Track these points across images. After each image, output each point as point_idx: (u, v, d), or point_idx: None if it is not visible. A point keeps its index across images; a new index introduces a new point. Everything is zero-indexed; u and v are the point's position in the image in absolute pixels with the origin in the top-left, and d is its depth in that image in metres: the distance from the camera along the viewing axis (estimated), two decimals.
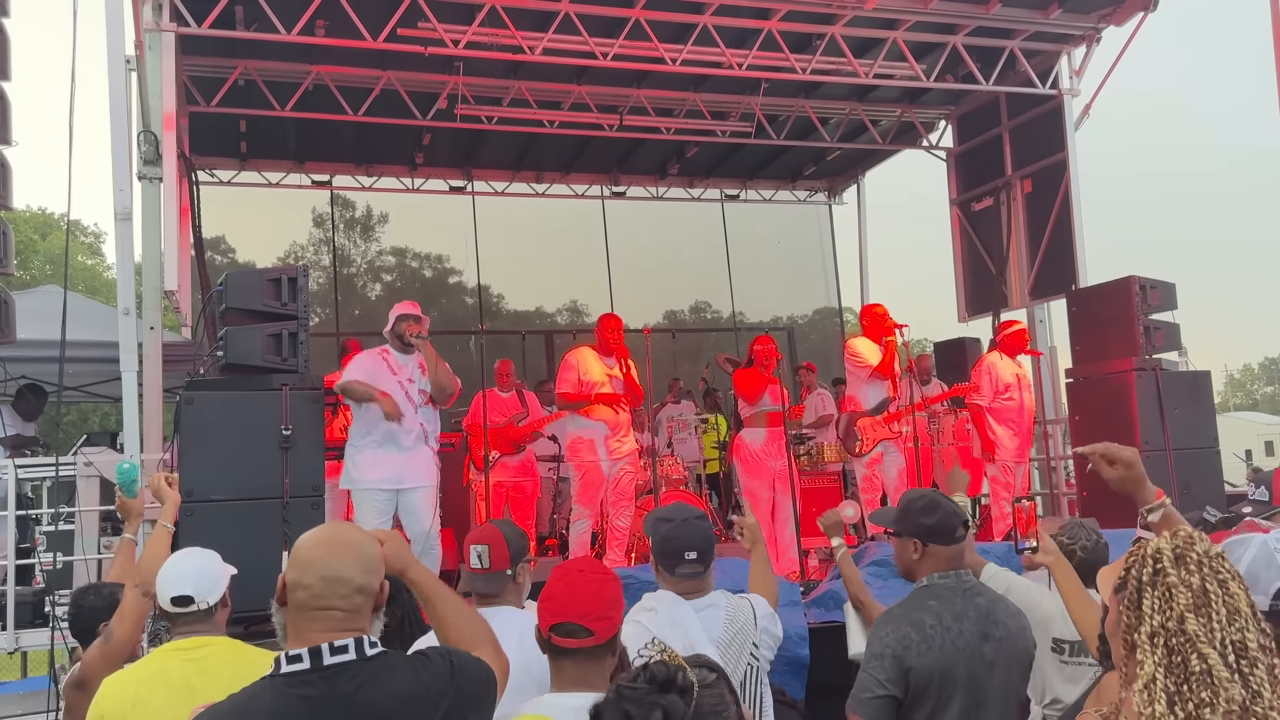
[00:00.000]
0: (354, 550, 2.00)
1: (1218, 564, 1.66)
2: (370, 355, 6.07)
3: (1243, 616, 1.59)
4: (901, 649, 2.77)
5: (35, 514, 6.69)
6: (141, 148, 7.39)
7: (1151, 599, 1.64)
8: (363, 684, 1.89)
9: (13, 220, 23.64)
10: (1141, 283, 7.85)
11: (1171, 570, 1.64)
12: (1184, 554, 1.66)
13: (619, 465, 7.01)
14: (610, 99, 9.97)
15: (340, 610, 1.93)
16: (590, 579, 2.30)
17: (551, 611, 2.22)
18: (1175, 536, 1.70)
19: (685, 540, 2.97)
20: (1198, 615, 1.59)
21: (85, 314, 8.65)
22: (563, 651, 2.21)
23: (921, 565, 2.95)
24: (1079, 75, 9.30)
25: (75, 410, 19.44)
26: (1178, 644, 1.58)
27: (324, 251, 14.70)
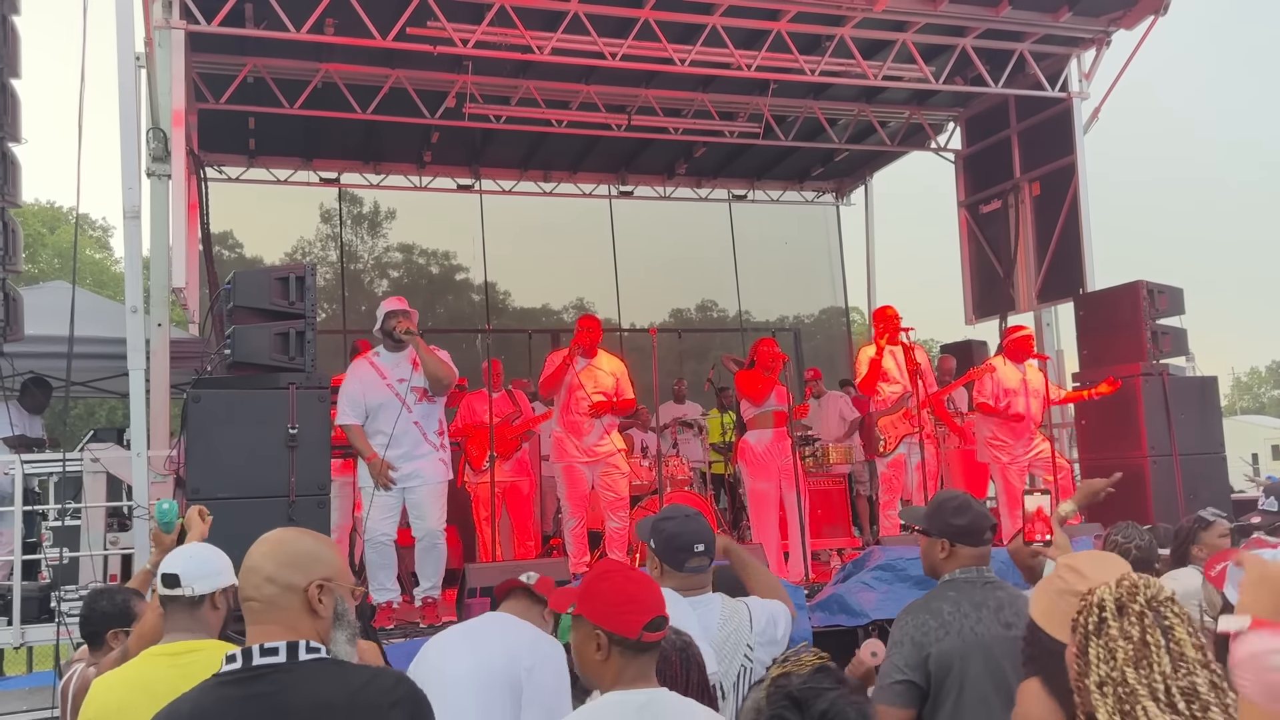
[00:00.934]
0: (276, 545, 2.01)
1: (1165, 610, 1.66)
2: (357, 368, 6.01)
3: (1189, 661, 1.60)
4: (920, 635, 2.81)
5: (42, 509, 6.72)
6: (150, 144, 7.42)
7: (1096, 648, 1.66)
8: (285, 687, 1.88)
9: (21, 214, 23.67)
10: (1149, 287, 7.84)
11: (1113, 623, 1.65)
12: (1126, 605, 1.66)
13: (601, 465, 7.00)
14: (618, 99, 9.98)
15: (256, 600, 1.94)
16: (643, 574, 2.37)
17: (641, 610, 2.23)
18: (1120, 585, 1.70)
19: (693, 533, 3.02)
20: (1137, 668, 1.61)
21: (93, 309, 8.66)
22: (646, 647, 2.23)
23: (947, 564, 2.99)
24: (1088, 78, 9.28)
25: (83, 405, 19.48)
26: (1124, 694, 1.60)
27: (331, 248, 14.75)
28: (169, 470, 5.92)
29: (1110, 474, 4.09)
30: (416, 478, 5.86)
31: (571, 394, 6.97)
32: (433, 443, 5.97)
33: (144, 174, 7.11)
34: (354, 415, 5.86)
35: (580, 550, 7.05)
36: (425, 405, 5.92)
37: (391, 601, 5.94)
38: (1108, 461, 7.83)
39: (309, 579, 1.97)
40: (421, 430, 5.91)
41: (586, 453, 6.96)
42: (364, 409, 5.85)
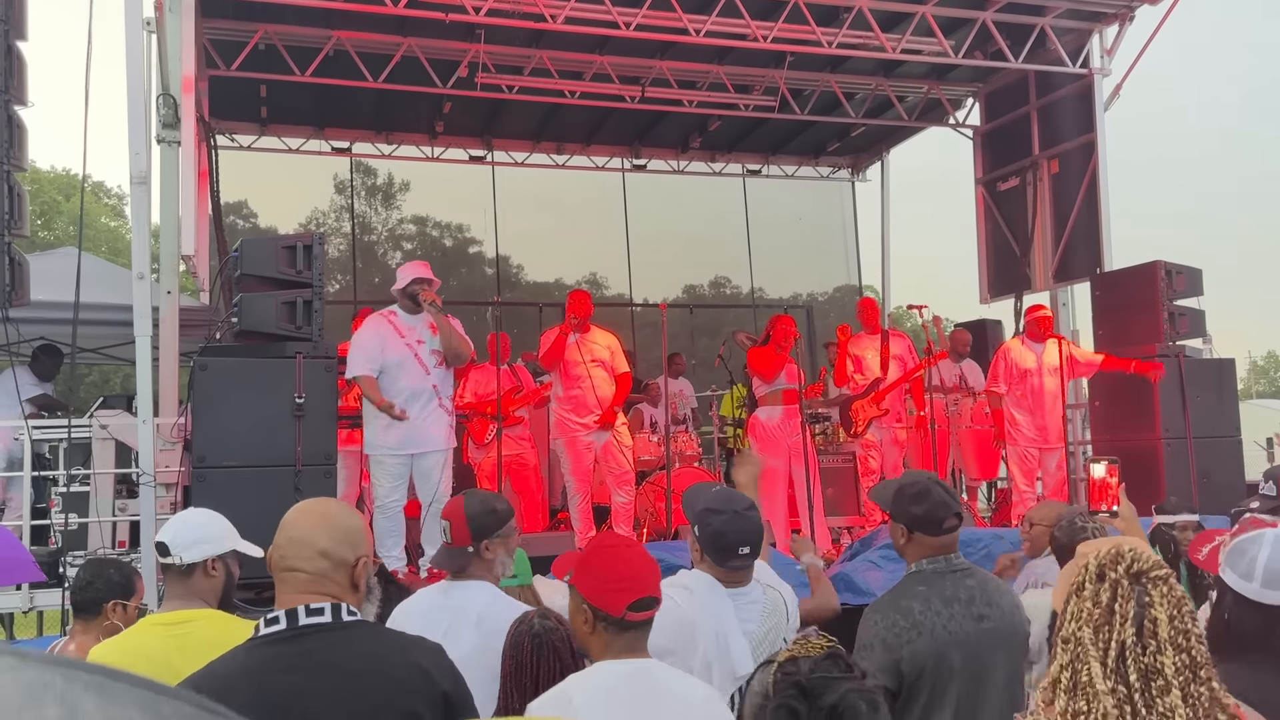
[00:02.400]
0: (325, 519, 2.06)
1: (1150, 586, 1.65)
2: (375, 323, 5.99)
3: (1159, 641, 1.60)
4: (891, 637, 2.72)
5: (52, 475, 6.74)
6: (160, 111, 7.37)
7: (1071, 606, 1.69)
8: (332, 645, 1.94)
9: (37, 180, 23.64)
10: (1168, 268, 7.74)
11: (1089, 586, 1.68)
12: (1105, 571, 1.68)
13: (603, 438, 6.97)
14: (632, 70, 9.87)
15: (304, 572, 1.98)
16: (638, 551, 2.35)
17: (628, 589, 2.22)
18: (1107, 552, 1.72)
19: (741, 534, 2.90)
20: (1097, 631, 1.63)
21: (106, 276, 8.68)
22: (631, 625, 2.22)
23: (908, 550, 2.91)
24: (1110, 54, 9.12)
25: (97, 372, 19.59)
26: (1079, 653, 1.63)
27: (345, 219, 14.71)
28: (177, 438, 5.92)
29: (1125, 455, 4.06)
30: (428, 443, 5.85)
31: (568, 370, 6.94)
32: (446, 408, 6.01)
33: (153, 140, 7.06)
34: (369, 367, 5.79)
35: (586, 525, 7.05)
36: (441, 370, 5.95)
37: (397, 571, 5.94)
38: (1121, 443, 7.77)
39: (356, 555, 2.04)
40: (438, 394, 5.91)
41: (589, 426, 6.94)
42: (380, 363, 5.81)
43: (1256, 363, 65.47)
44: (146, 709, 0.43)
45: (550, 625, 2.51)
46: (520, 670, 2.44)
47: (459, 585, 3.02)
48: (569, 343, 6.93)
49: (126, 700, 0.43)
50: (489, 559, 3.01)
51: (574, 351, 6.92)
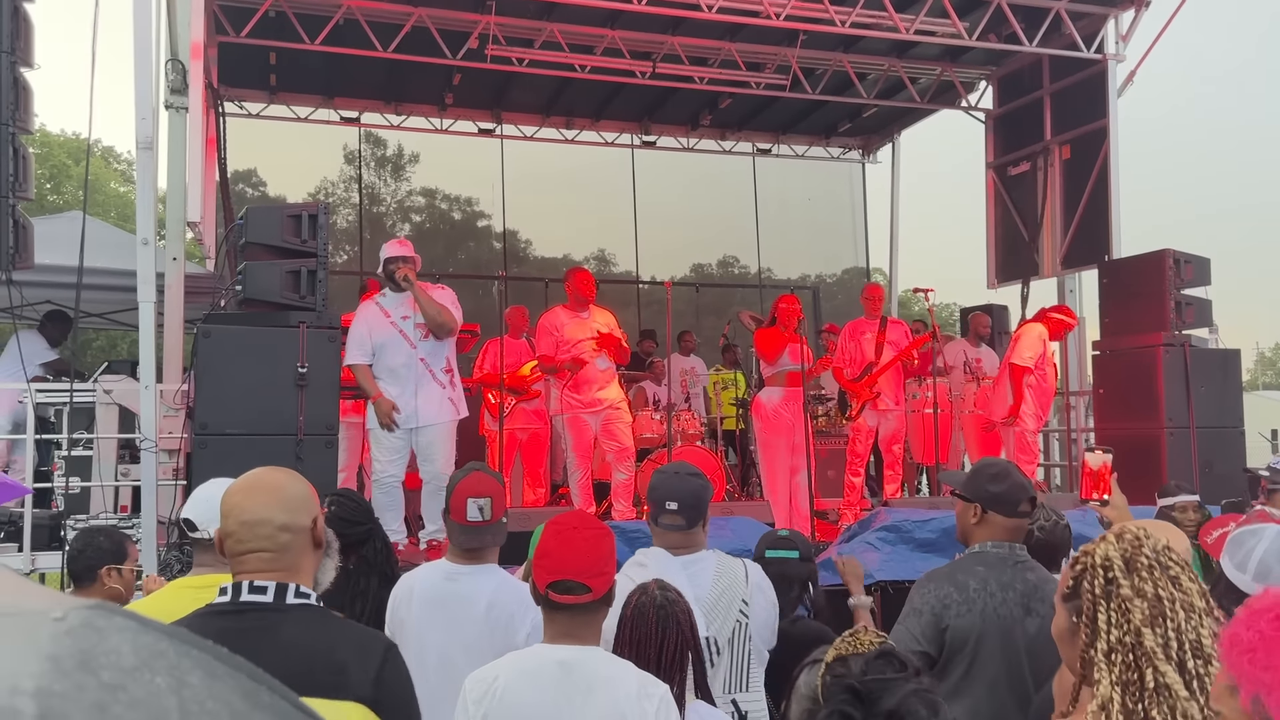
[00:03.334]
0: (273, 492, 2.01)
1: (1167, 560, 1.58)
2: (363, 309, 6.05)
3: (1197, 612, 1.54)
4: (941, 607, 2.76)
5: (55, 439, 6.77)
6: (169, 76, 7.36)
7: (1107, 613, 1.56)
8: (265, 628, 1.91)
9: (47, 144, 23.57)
10: (1176, 256, 7.70)
11: (1124, 581, 1.57)
12: (1134, 559, 1.58)
13: (603, 414, 6.99)
14: (643, 45, 9.81)
15: (267, 551, 1.95)
16: (585, 535, 2.29)
17: (549, 569, 2.22)
18: (1121, 540, 1.62)
19: (668, 490, 2.98)
20: (1154, 628, 1.52)
21: (114, 242, 8.67)
22: (558, 607, 2.22)
23: (978, 531, 2.90)
24: (1125, 40, 9.04)
25: (105, 337, 19.64)
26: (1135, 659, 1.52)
27: (354, 189, 14.69)
28: (179, 404, 5.94)
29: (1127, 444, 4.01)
30: (423, 419, 5.86)
31: (569, 348, 6.94)
32: (440, 381, 5.97)
33: (161, 106, 7.04)
34: (361, 355, 5.88)
35: (586, 501, 7.07)
36: (430, 342, 5.93)
37: (397, 543, 5.97)
38: (1124, 431, 7.76)
39: (312, 517, 2.02)
40: (428, 366, 5.91)
41: (590, 403, 6.95)
42: (371, 349, 5.87)
43: (1264, 354, 65.23)
44: (246, 695, 0.44)
45: (673, 597, 2.46)
46: (645, 642, 2.38)
47: (467, 570, 2.94)
48: (568, 321, 6.93)
49: (230, 683, 0.44)
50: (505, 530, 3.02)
51: (574, 329, 6.92)
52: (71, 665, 0.39)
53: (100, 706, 0.38)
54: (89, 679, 0.39)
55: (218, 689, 0.43)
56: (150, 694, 0.40)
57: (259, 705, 0.44)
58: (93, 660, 0.40)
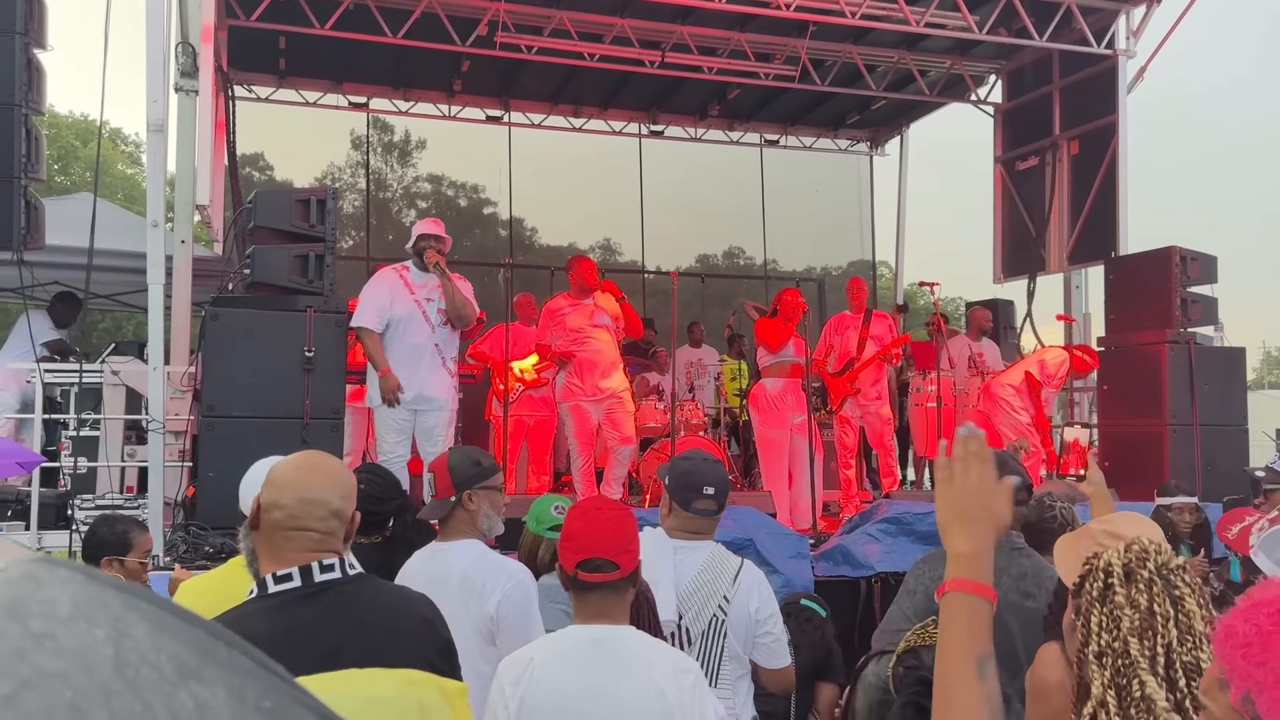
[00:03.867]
0: (332, 476, 2.05)
1: (1175, 578, 1.59)
2: (387, 275, 6.03)
3: (1195, 635, 1.54)
4: (934, 587, 2.76)
5: (63, 418, 6.80)
6: (179, 59, 7.37)
7: (1099, 616, 1.60)
8: (351, 598, 1.96)
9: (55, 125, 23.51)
10: (1183, 254, 7.69)
11: (1120, 589, 1.59)
12: (1134, 571, 1.60)
13: (606, 403, 7.02)
14: (653, 34, 9.80)
15: (316, 532, 1.97)
16: (609, 515, 2.35)
17: (576, 549, 2.26)
18: (1129, 550, 1.64)
19: (705, 475, 3.03)
20: (1142, 640, 1.54)
21: (122, 223, 8.69)
22: (588, 586, 2.25)
23: None
24: (1136, 36, 9.02)
25: (111, 318, 19.68)
26: (1123, 666, 1.54)
27: (361, 174, 14.69)
28: (187, 387, 5.97)
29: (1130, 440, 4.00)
30: (430, 401, 5.89)
31: (573, 335, 6.96)
32: (449, 368, 6.03)
33: (171, 89, 7.06)
34: (376, 322, 5.84)
35: (588, 488, 7.09)
36: (446, 330, 5.96)
37: None
38: (1127, 427, 7.77)
39: (353, 507, 2.06)
40: (440, 353, 5.94)
41: (593, 391, 6.97)
42: (387, 317, 5.86)
43: (1271, 353, 65.01)
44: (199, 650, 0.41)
45: None
46: None
47: (446, 547, 3.04)
48: (570, 309, 6.96)
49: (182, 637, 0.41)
50: (473, 510, 3.03)
51: (578, 317, 6.94)
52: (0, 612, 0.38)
53: (19, 653, 0.37)
54: (13, 626, 0.38)
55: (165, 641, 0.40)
56: (83, 644, 0.38)
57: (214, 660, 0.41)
58: (22, 608, 0.39)
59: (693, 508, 3.00)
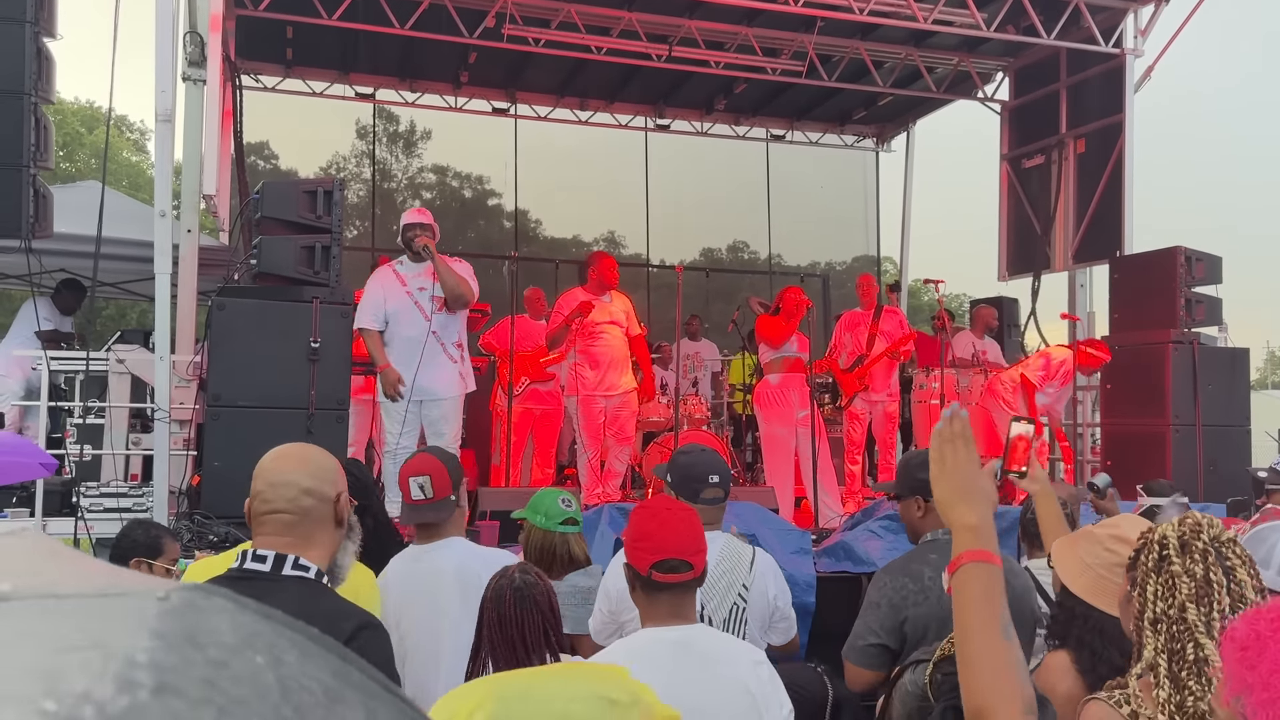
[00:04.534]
0: (302, 460, 2.08)
1: (1227, 550, 1.67)
2: (380, 275, 6.08)
3: (1248, 603, 1.61)
4: (899, 599, 2.78)
5: (68, 406, 6.83)
6: (187, 49, 7.37)
7: (1155, 586, 1.67)
8: (261, 594, 1.95)
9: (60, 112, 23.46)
10: (1187, 254, 7.70)
11: (1176, 559, 1.67)
12: (1189, 542, 1.67)
13: (614, 401, 7.03)
14: (660, 28, 9.79)
15: (287, 513, 2.00)
16: (680, 516, 2.34)
17: (652, 550, 2.23)
18: (1183, 523, 1.71)
19: (708, 465, 3.07)
20: (1198, 605, 1.61)
21: (127, 212, 8.70)
22: (662, 587, 2.23)
23: (925, 522, 2.92)
24: (1144, 35, 9.00)
25: (114, 306, 19.71)
26: (1178, 631, 1.61)
27: (366, 165, 14.70)
28: (192, 375, 5.99)
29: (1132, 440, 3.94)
30: (433, 393, 5.91)
31: (586, 329, 6.98)
32: (451, 355, 6.02)
33: (179, 78, 7.06)
34: (373, 320, 5.92)
35: (594, 482, 7.11)
36: (444, 315, 5.96)
37: (399, 519, 6.02)
38: (1130, 427, 7.78)
39: (337, 490, 2.07)
40: (439, 340, 5.95)
41: (603, 386, 6.99)
42: (384, 315, 5.91)
43: (1275, 354, 64.88)
44: (337, 674, 0.45)
45: (531, 580, 2.49)
46: (504, 623, 2.43)
47: (429, 548, 3.01)
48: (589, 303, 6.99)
49: (321, 662, 0.45)
50: (463, 506, 3.07)
51: (594, 312, 6.97)
52: (179, 641, 0.41)
53: (209, 681, 0.40)
54: (196, 654, 0.41)
55: (310, 667, 0.44)
56: (252, 671, 0.42)
57: (350, 684, 0.45)
58: (198, 637, 0.42)
59: (701, 498, 3.03)
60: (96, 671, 0.38)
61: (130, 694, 0.37)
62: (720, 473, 3.06)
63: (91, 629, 0.41)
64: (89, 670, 0.38)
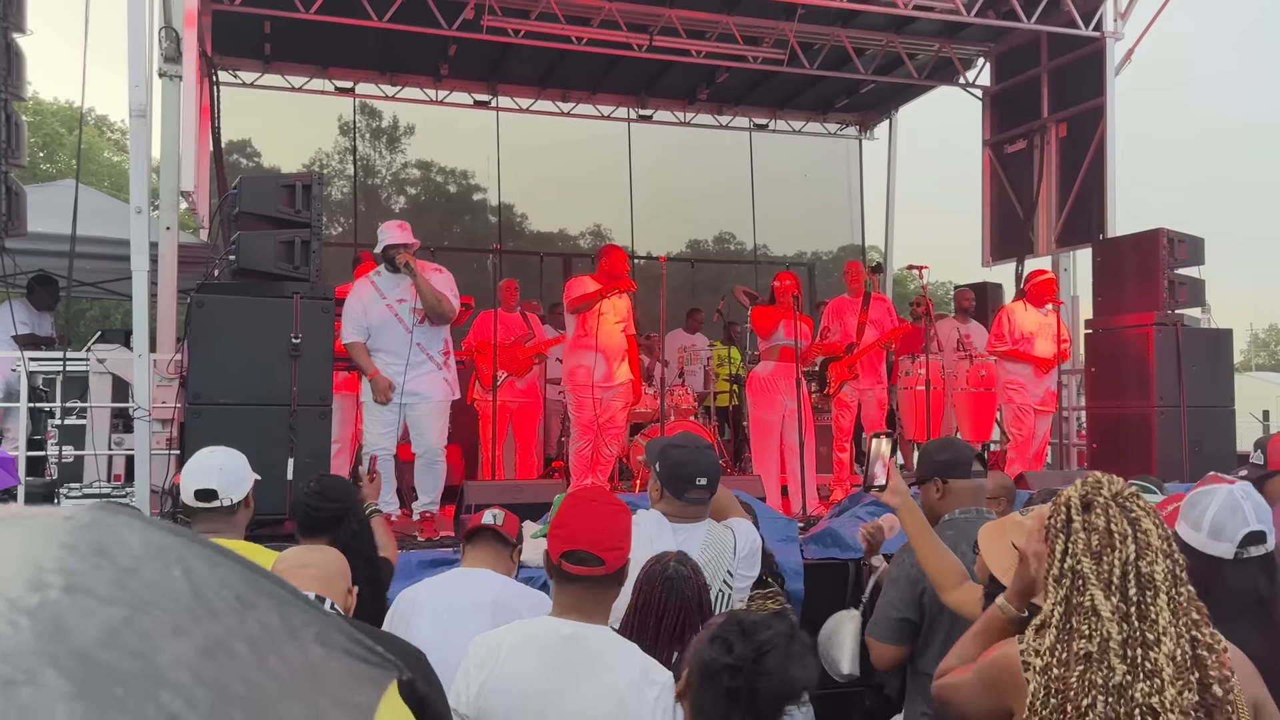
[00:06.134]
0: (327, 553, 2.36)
1: (1130, 503, 1.77)
2: (359, 289, 6.05)
3: (1153, 550, 1.72)
4: (916, 572, 2.82)
5: (49, 407, 6.76)
6: (162, 44, 7.30)
7: (1061, 544, 1.78)
8: None
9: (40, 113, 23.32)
10: (1170, 236, 7.71)
11: (1077, 517, 1.77)
12: (1090, 499, 1.78)
13: (612, 394, 7.02)
14: (641, 18, 9.74)
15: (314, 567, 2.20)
16: (603, 509, 2.32)
17: (564, 539, 2.23)
18: (1084, 483, 1.82)
19: (698, 466, 3.02)
20: (1100, 559, 1.72)
21: (108, 211, 8.62)
22: (571, 578, 2.22)
23: (944, 504, 2.98)
24: (1124, 18, 9.01)
25: (99, 306, 19.57)
26: (1077, 584, 1.73)
27: (349, 160, 14.62)
28: (173, 374, 5.94)
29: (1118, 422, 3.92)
30: (417, 395, 5.89)
31: (588, 321, 6.96)
32: (436, 361, 6.01)
33: (155, 74, 6.99)
34: (357, 334, 5.92)
35: (584, 473, 7.09)
36: (426, 326, 5.94)
37: (390, 515, 6.00)
38: (1115, 410, 7.80)
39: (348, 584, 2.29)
40: (424, 350, 5.94)
41: (603, 378, 6.98)
42: (366, 328, 5.89)
43: (1257, 335, 65.37)
44: (248, 581, 0.48)
45: (685, 573, 2.50)
46: (648, 608, 2.43)
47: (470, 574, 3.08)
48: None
49: (232, 572, 0.48)
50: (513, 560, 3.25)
51: (601, 304, 6.97)
52: (88, 551, 0.43)
53: (119, 583, 0.42)
54: (105, 561, 0.43)
55: (223, 575, 0.46)
56: (162, 577, 0.44)
57: (260, 590, 0.48)
58: (107, 548, 0.44)
59: (685, 498, 3.01)
60: (8, 576, 0.40)
61: (41, 593, 0.39)
62: (710, 474, 3.03)
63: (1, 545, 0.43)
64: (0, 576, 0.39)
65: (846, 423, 7.99)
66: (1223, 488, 2.34)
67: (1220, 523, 2.26)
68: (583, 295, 6.94)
